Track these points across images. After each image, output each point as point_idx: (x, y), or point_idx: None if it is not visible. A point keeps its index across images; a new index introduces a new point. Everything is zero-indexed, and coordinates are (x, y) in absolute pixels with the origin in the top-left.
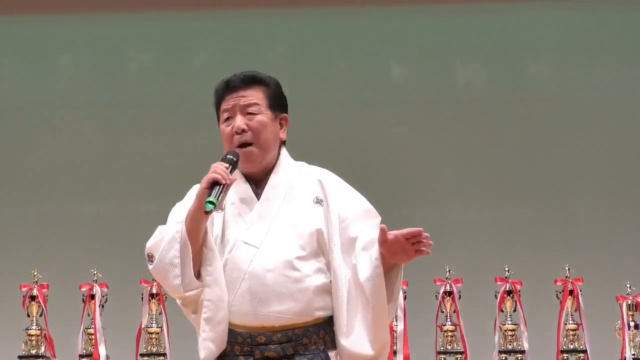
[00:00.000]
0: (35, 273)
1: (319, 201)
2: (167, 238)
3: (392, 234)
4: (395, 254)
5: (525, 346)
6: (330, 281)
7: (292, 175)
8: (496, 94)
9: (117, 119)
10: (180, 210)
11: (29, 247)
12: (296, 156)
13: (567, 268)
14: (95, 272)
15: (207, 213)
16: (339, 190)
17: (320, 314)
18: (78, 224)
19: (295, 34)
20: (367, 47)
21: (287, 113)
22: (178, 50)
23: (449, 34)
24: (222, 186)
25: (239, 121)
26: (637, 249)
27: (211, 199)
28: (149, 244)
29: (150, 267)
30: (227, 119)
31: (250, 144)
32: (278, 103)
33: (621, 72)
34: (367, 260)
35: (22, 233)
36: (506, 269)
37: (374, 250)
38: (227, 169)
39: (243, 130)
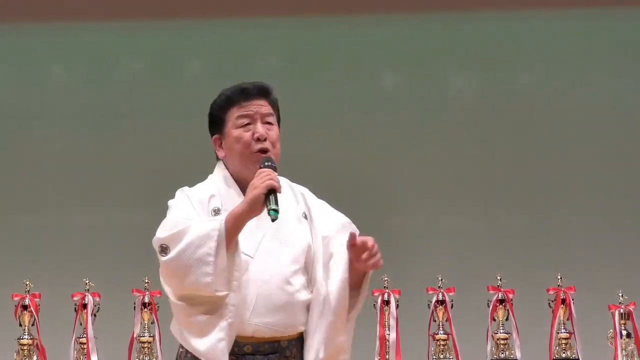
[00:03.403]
0: (28, 282)
1: (305, 217)
2: (196, 233)
3: (360, 239)
4: (360, 260)
5: (518, 355)
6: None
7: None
8: (488, 103)
9: (109, 128)
10: (186, 208)
11: (21, 256)
12: (288, 166)
13: (559, 277)
14: (87, 282)
15: (274, 221)
16: (319, 206)
17: (302, 328)
18: (70, 233)
19: (287, 44)
20: (359, 57)
21: None
22: (170, 60)
23: (441, 43)
24: (276, 193)
25: (261, 128)
26: (629, 258)
27: (275, 207)
28: (163, 234)
29: (163, 258)
30: (246, 124)
31: (266, 152)
32: (280, 117)
33: (613, 82)
34: (335, 267)
35: (14, 242)
36: (498, 277)
37: (341, 257)
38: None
39: (265, 138)
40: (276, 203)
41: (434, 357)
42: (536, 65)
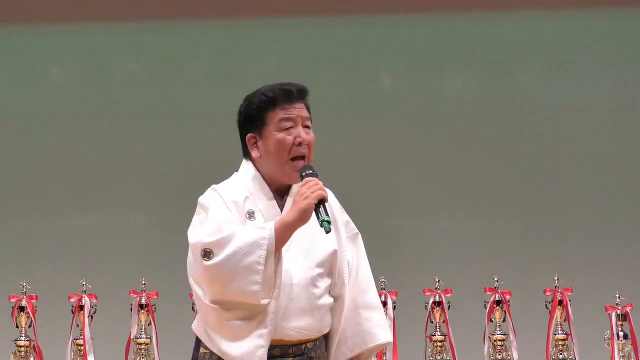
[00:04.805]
0: (24, 284)
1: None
2: (244, 240)
3: None
4: None
5: (515, 356)
6: (333, 300)
7: None
8: (486, 105)
9: (105, 130)
10: (224, 211)
11: (18, 258)
12: None
13: (556, 278)
14: (84, 283)
15: (328, 232)
16: (339, 213)
17: (326, 329)
18: (67, 235)
19: (284, 45)
20: (356, 58)
21: None
22: (167, 60)
23: (438, 44)
24: (324, 203)
25: (303, 133)
26: (626, 259)
27: (327, 218)
28: (208, 239)
29: (206, 263)
30: (288, 128)
31: (304, 157)
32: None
33: (611, 83)
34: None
35: (10, 244)
36: (495, 279)
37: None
38: None
39: (306, 143)
40: (327, 214)
41: (431, 358)
42: (534, 67)
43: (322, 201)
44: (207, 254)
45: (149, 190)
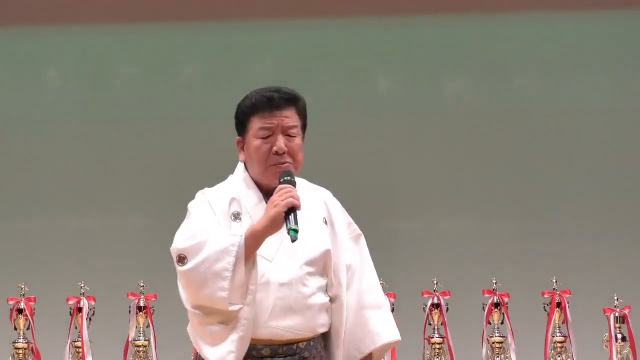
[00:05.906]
0: (22, 286)
1: (326, 222)
2: (214, 247)
3: None
4: None
5: (513, 358)
6: (329, 300)
7: (300, 192)
8: (483, 108)
9: (103, 132)
10: (206, 215)
11: (16, 260)
12: None
13: (554, 280)
14: (82, 285)
15: (294, 241)
16: (339, 214)
17: (321, 330)
18: (65, 237)
19: (282, 47)
20: (354, 61)
21: None
22: (165, 63)
23: (436, 47)
24: (295, 211)
25: (281, 142)
26: (625, 262)
27: (295, 227)
28: (182, 245)
29: (180, 268)
30: (266, 137)
31: (285, 163)
32: (306, 123)
33: (608, 85)
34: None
35: (8, 246)
36: (494, 281)
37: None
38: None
39: (284, 152)
40: (296, 222)
41: None
42: (532, 69)
43: (292, 209)
44: (181, 259)
45: (147, 193)
